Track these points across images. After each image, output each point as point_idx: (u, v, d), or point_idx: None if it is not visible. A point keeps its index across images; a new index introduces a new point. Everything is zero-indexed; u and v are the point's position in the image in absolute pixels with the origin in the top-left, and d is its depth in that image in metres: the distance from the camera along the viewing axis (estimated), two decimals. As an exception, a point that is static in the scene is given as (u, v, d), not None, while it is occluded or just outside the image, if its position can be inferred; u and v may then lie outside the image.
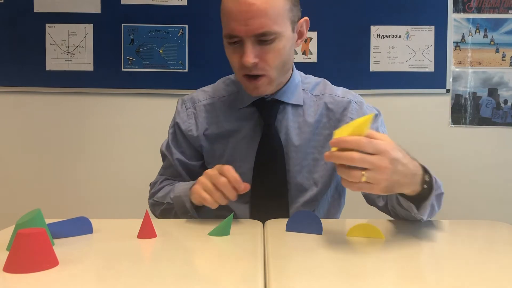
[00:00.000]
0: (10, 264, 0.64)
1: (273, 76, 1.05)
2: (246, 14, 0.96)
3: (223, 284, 0.61)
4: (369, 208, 1.12)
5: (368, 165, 0.72)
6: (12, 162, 2.35)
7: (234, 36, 1.00)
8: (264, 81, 1.04)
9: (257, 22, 0.96)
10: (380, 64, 2.33)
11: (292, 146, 1.12)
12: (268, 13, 0.97)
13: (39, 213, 0.77)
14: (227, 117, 1.15)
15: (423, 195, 0.85)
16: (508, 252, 0.80)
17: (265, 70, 1.03)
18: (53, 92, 2.33)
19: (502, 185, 2.38)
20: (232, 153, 1.14)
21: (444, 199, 0.97)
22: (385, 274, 0.66)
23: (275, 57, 1.02)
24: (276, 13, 0.98)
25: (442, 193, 0.93)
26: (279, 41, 1.01)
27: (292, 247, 0.80)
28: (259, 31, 0.97)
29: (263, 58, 1.01)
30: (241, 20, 0.97)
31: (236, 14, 0.97)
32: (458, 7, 2.35)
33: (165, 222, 0.96)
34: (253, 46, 0.99)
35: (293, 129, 1.13)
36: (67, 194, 2.33)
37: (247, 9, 0.96)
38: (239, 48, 1.01)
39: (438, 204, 0.94)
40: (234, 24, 0.98)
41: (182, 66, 2.31)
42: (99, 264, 0.69)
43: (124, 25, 2.31)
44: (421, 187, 0.83)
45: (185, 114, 1.18)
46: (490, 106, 2.39)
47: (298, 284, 0.62)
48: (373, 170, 0.72)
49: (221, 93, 1.18)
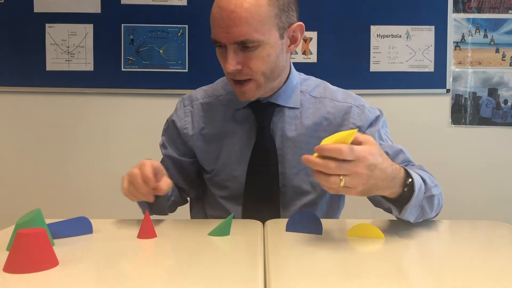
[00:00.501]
0: (10, 264, 0.64)
1: (260, 81, 1.03)
2: (227, 22, 0.96)
3: (223, 284, 0.61)
4: (369, 208, 1.12)
5: (345, 172, 0.75)
6: (12, 162, 2.35)
7: (217, 42, 1.01)
8: (251, 86, 1.03)
9: (237, 30, 0.96)
10: (380, 64, 2.33)
11: (288, 148, 1.11)
12: (248, 21, 0.96)
13: (39, 213, 0.77)
14: (224, 117, 1.14)
15: (404, 197, 0.86)
16: (508, 252, 0.80)
17: (251, 75, 1.02)
18: (53, 92, 2.33)
19: (502, 185, 2.38)
20: (227, 155, 1.13)
21: (444, 199, 0.97)
22: (385, 274, 0.66)
23: (259, 64, 1.01)
24: (258, 21, 0.97)
25: (433, 196, 0.92)
26: (262, 49, 1.00)
27: (292, 247, 0.80)
28: (239, 38, 0.97)
29: (246, 64, 1.00)
30: (223, 27, 0.97)
31: (219, 21, 0.98)
32: (458, 7, 2.35)
33: (165, 222, 0.96)
34: (235, 53, 0.99)
35: (289, 131, 1.11)
36: (67, 194, 2.33)
37: (228, 17, 0.96)
38: (224, 53, 1.01)
39: (430, 206, 0.93)
40: (217, 31, 0.99)
41: (182, 66, 2.31)
42: (99, 264, 0.69)
43: (124, 25, 2.31)
44: (401, 189, 0.85)
45: (182, 112, 1.18)
46: (490, 106, 2.39)
47: (298, 284, 0.62)
48: (350, 176, 0.76)
49: (219, 92, 1.18)
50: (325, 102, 1.13)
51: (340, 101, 1.14)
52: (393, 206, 0.89)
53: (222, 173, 1.14)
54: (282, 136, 1.12)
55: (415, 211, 0.88)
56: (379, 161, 0.78)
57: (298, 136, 1.12)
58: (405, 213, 0.86)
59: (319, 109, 1.13)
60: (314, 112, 1.13)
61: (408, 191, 0.85)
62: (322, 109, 1.13)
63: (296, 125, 1.12)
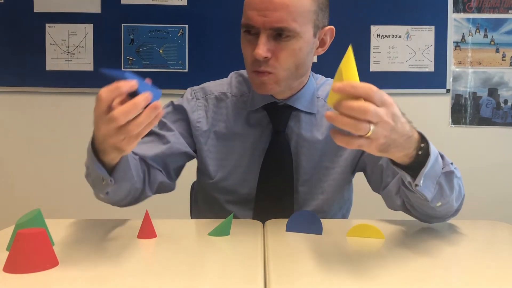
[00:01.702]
0: (10, 264, 0.64)
1: (281, 76, 0.98)
2: (267, 5, 0.91)
3: (223, 284, 0.61)
4: (370, 208, 1.12)
5: (377, 119, 0.65)
6: (12, 162, 2.35)
7: (250, 26, 0.94)
8: (270, 78, 0.97)
9: (277, 15, 0.91)
10: (380, 64, 2.33)
11: (303, 155, 1.08)
12: (289, 9, 0.92)
13: (39, 213, 0.77)
14: (236, 117, 1.09)
15: (418, 162, 0.76)
16: (508, 252, 0.80)
17: (275, 68, 0.96)
18: (53, 92, 2.33)
19: (502, 185, 2.38)
20: (237, 158, 1.09)
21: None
22: (385, 274, 0.66)
23: (288, 56, 0.96)
24: (299, 11, 0.93)
25: (451, 172, 0.83)
26: (296, 41, 0.95)
27: (292, 247, 0.80)
28: (277, 24, 0.92)
29: (275, 54, 0.95)
30: (261, 10, 0.92)
31: (256, 3, 0.93)
32: (458, 7, 2.35)
33: (165, 222, 0.96)
34: (268, 40, 0.94)
35: (305, 137, 1.07)
36: (67, 194, 2.33)
37: (269, 0, 0.91)
38: (254, 40, 0.95)
39: (449, 185, 0.83)
40: (252, 13, 0.93)
41: (182, 66, 2.31)
42: (99, 264, 0.69)
43: (124, 25, 2.31)
44: (415, 152, 0.76)
45: (195, 104, 1.10)
46: (490, 106, 2.39)
47: (298, 284, 0.62)
48: (378, 124, 0.66)
49: (233, 91, 1.12)
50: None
51: None
52: (407, 173, 0.79)
53: (232, 177, 1.09)
54: (297, 142, 1.08)
55: (431, 185, 0.80)
56: (400, 113, 0.70)
57: (314, 142, 1.08)
58: (420, 180, 0.77)
59: None
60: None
61: (423, 155, 0.77)
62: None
63: (312, 131, 1.08)
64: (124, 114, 0.68)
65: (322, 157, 1.09)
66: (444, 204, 0.86)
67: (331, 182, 1.10)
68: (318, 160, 1.09)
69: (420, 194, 0.80)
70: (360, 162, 1.10)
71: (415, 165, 0.77)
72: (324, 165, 1.09)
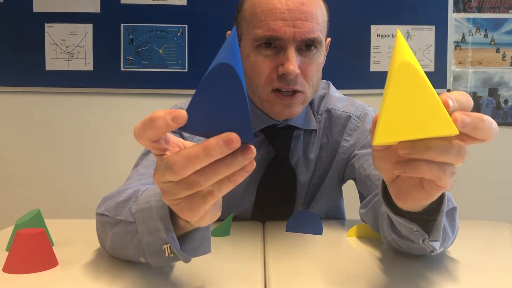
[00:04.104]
0: (9, 264, 0.64)
1: (309, 95, 0.87)
2: (296, 14, 0.80)
3: (223, 284, 0.61)
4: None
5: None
6: (11, 162, 2.35)
7: (275, 37, 0.82)
8: (299, 99, 0.85)
9: (308, 25, 0.81)
10: (380, 64, 2.33)
11: (299, 181, 0.99)
12: (318, 18, 0.83)
13: (39, 213, 0.77)
14: None
15: (430, 209, 0.56)
16: (508, 252, 0.80)
17: (303, 86, 0.85)
18: (52, 92, 2.32)
19: (502, 185, 2.38)
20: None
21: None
22: (385, 275, 0.66)
23: (315, 71, 0.86)
24: (322, 21, 0.85)
25: (455, 208, 0.66)
26: (319, 54, 0.86)
27: (292, 247, 0.80)
28: (309, 35, 0.81)
29: (302, 70, 0.84)
30: (289, 20, 0.80)
31: (282, 12, 0.81)
32: (458, 7, 2.35)
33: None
34: (295, 55, 0.82)
35: (303, 160, 0.97)
36: (67, 194, 2.32)
37: (298, 9, 0.81)
38: (273, 55, 0.83)
39: (451, 225, 0.65)
40: (277, 24, 0.81)
41: (182, 66, 2.31)
42: (99, 264, 0.69)
43: (124, 24, 2.31)
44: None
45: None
46: (491, 106, 2.39)
47: (298, 284, 0.62)
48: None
49: None
50: (324, 114, 1.00)
51: (339, 110, 0.99)
52: (419, 226, 0.57)
53: (227, 207, 0.95)
54: (296, 162, 0.98)
55: (438, 233, 0.57)
56: None
57: (317, 162, 0.99)
58: (438, 234, 0.57)
59: (320, 125, 1.00)
60: (323, 130, 0.99)
61: (437, 200, 0.52)
62: (322, 121, 0.99)
63: (307, 150, 0.98)
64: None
65: (315, 178, 1.02)
66: (445, 247, 0.71)
67: (322, 203, 1.04)
68: (323, 178, 1.02)
69: (428, 246, 0.59)
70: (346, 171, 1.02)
71: (426, 210, 0.57)
72: (314, 181, 1.03)
